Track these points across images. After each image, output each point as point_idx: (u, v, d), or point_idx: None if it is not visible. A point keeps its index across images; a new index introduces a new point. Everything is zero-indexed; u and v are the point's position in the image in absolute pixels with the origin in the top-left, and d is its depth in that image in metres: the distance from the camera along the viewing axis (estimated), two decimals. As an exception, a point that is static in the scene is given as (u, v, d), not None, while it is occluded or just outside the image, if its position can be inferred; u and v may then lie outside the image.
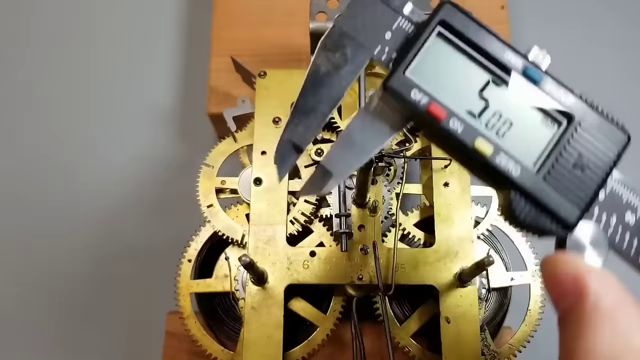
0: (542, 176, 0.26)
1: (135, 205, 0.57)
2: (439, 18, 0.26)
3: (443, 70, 0.26)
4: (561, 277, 0.25)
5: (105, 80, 0.62)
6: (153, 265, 0.55)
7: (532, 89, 0.26)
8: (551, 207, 0.25)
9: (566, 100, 0.26)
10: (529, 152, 0.26)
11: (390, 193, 0.43)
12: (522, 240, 0.43)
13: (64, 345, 0.54)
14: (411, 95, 0.26)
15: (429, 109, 0.26)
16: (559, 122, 0.26)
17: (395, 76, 0.26)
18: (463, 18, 0.26)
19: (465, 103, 0.26)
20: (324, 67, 0.27)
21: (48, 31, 0.64)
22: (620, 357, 0.23)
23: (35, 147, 0.59)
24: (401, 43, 0.27)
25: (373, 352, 0.43)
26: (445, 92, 0.26)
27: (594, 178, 0.26)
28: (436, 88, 0.26)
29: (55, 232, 0.57)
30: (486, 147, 0.26)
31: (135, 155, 0.59)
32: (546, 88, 0.26)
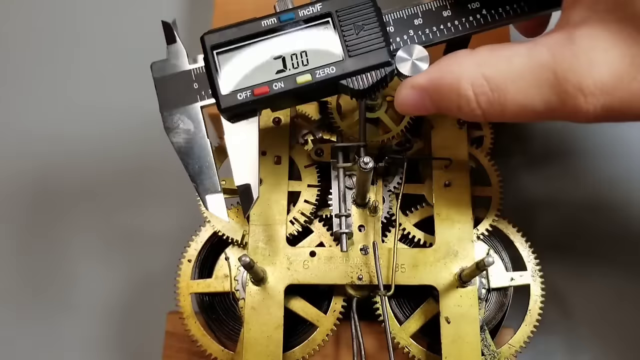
0: (348, 55, 0.34)
1: (134, 205, 0.57)
2: (209, 46, 0.34)
3: (240, 67, 0.34)
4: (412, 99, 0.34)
5: (105, 80, 0.62)
6: (153, 265, 0.55)
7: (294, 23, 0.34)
8: (371, 64, 0.34)
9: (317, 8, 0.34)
10: (330, 54, 0.34)
11: (391, 193, 0.43)
12: (522, 240, 0.43)
13: (63, 345, 0.54)
14: (239, 99, 0.34)
15: (255, 93, 0.34)
16: (327, 22, 0.34)
17: (221, 99, 0.34)
18: (219, 33, 0.34)
19: (270, 69, 0.34)
20: (180, 139, 0.35)
21: (47, 31, 0.64)
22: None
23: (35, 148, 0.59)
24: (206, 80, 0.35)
25: (373, 352, 0.43)
26: (254, 76, 0.34)
27: (373, 26, 0.34)
28: (247, 80, 0.34)
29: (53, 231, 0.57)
30: (304, 78, 0.34)
31: (135, 156, 0.59)
32: (300, 14, 0.34)
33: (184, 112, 0.35)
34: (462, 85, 0.32)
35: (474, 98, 0.32)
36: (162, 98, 0.35)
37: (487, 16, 0.35)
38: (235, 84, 0.34)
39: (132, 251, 0.55)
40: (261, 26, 0.34)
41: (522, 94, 0.30)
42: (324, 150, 0.44)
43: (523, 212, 0.52)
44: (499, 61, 0.31)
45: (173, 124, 0.35)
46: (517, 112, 0.31)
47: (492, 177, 0.44)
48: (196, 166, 0.34)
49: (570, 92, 0.29)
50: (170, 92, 0.35)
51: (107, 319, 0.54)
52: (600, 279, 0.51)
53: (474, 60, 0.32)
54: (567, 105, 0.30)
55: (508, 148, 0.53)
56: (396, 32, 0.35)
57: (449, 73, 0.32)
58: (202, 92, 0.35)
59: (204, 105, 0.35)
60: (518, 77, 0.31)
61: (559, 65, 0.29)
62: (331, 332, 0.41)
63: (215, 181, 0.34)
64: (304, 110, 0.46)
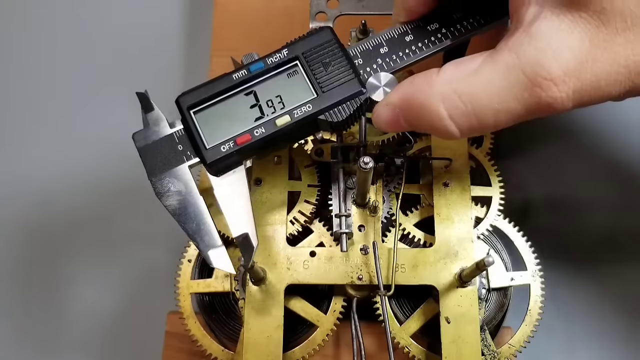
0: (321, 92, 0.35)
1: (134, 205, 0.57)
2: (185, 107, 0.36)
3: (220, 122, 0.35)
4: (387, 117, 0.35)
5: (105, 80, 0.62)
6: (153, 265, 0.55)
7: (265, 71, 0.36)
8: (344, 95, 0.35)
9: (284, 54, 0.36)
10: (304, 93, 0.35)
11: (391, 193, 0.43)
12: (522, 240, 0.43)
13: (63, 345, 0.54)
14: (223, 151, 0.35)
15: (238, 143, 0.35)
16: (295, 65, 0.36)
17: (205, 155, 0.35)
18: (191, 94, 0.36)
19: (248, 118, 0.35)
20: (173, 201, 0.35)
21: (47, 30, 0.64)
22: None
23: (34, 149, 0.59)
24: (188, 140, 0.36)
25: (373, 352, 0.43)
26: (235, 127, 0.35)
27: (340, 60, 0.36)
28: (229, 131, 0.35)
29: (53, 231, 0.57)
30: (283, 120, 0.35)
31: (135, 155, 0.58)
32: (269, 62, 0.36)
33: (173, 175, 0.35)
34: (433, 102, 0.32)
35: (446, 115, 0.32)
36: (148, 165, 0.36)
37: (447, 34, 0.37)
38: (217, 137, 0.35)
39: (132, 251, 0.56)
40: (233, 80, 0.36)
41: (496, 100, 0.31)
42: (324, 150, 0.44)
43: (523, 212, 0.52)
44: (466, 73, 0.32)
45: (163, 189, 0.35)
46: (494, 119, 0.32)
47: (492, 177, 0.44)
48: (193, 225, 0.35)
49: (542, 84, 0.30)
50: (155, 158, 0.36)
51: (107, 319, 0.54)
52: (600, 279, 0.51)
53: (442, 77, 0.33)
54: (542, 98, 0.30)
55: (508, 148, 0.53)
56: (365, 64, 0.36)
57: (419, 92, 0.33)
58: (188, 152, 0.36)
59: (191, 164, 0.36)
60: (488, 84, 0.31)
61: (525, 62, 0.30)
62: (331, 332, 0.41)
63: (214, 236, 0.35)
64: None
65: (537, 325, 0.41)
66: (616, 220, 0.53)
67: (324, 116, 0.35)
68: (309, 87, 0.35)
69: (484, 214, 0.43)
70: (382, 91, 0.35)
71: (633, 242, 0.52)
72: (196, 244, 0.35)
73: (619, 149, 0.54)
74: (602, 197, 0.53)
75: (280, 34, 0.55)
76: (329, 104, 0.35)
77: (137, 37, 0.63)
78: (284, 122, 0.35)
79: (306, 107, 0.35)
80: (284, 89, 0.36)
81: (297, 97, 0.35)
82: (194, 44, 0.62)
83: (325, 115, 0.35)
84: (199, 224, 0.35)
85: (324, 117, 0.35)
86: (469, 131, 0.32)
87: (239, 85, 0.36)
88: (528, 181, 0.54)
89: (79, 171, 0.59)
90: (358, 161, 0.35)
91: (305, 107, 0.35)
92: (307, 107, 0.35)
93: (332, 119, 0.35)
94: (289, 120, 0.35)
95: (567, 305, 0.51)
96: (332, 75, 0.35)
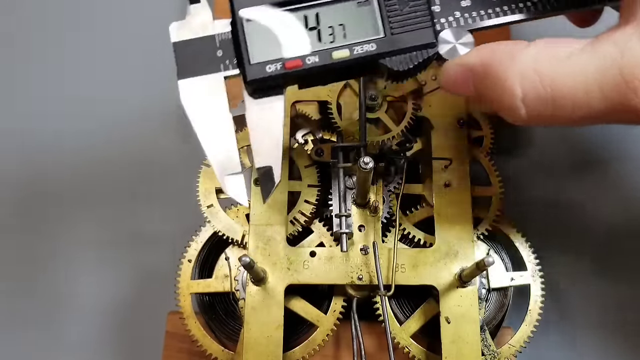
0: (390, 33, 0.31)
1: (134, 205, 0.57)
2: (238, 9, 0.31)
3: (270, 38, 0.31)
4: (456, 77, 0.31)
5: (104, 80, 0.61)
6: (153, 265, 0.55)
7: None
8: (414, 43, 0.31)
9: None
10: (370, 30, 0.31)
11: (391, 193, 0.43)
12: (522, 240, 0.43)
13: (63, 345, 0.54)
14: (268, 71, 0.31)
15: (287, 67, 0.31)
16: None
17: (248, 70, 0.31)
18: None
19: (303, 41, 0.31)
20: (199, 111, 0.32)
21: (47, 30, 0.64)
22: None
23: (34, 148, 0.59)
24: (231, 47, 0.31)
25: (373, 352, 0.43)
26: (286, 47, 0.31)
27: (420, 2, 0.32)
28: (278, 52, 0.31)
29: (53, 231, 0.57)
30: (341, 53, 0.31)
31: (135, 155, 0.59)
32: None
33: (205, 82, 0.31)
34: (510, 77, 0.29)
35: (520, 94, 0.29)
36: (180, 64, 0.32)
37: (541, 3, 0.32)
38: (265, 54, 0.31)
39: (132, 251, 0.55)
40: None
41: (580, 92, 0.28)
42: (324, 150, 0.44)
43: (523, 212, 0.52)
44: (558, 56, 0.29)
45: (192, 94, 0.31)
46: (570, 111, 0.29)
47: (492, 177, 0.44)
48: (215, 144, 0.31)
49: (638, 89, 0.27)
50: (190, 59, 0.32)
51: (107, 319, 0.54)
52: (600, 279, 0.51)
53: (529, 53, 0.29)
54: (630, 103, 0.28)
55: (508, 148, 0.53)
56: (441, 12, 0.32)
57: (499, 62, 0.30)
58: (227, 61, 0.31)
59: (228, 75, 0.32)
60: (579, 74, 0.28)
61: (627, 61, 0.28)
62: (331, 332, 0.41)
63: (235, 161, 0.31)
64: (304, 110, 0.47)
65: (537, 325, 0.41)
66: (617, 219, 0.53)
67: (385, 61, 0.31)
68: (379, 23, 0.31)
69: (484, 214, 0.43)
70: (455, 48, 0.32)
71: (634, 241, 0.52)
72: (214, 167, 0.31)
73: (619, 148, 0.54)
74: (603, 197, 0.53)
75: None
76: (395, 48, 0.31)
77: (136, 36, 0.63)
78: (341, 55, 0.31)
79: (369, 45, 0.31)
80: (349, 19, 0.32)
81: (362, 32, 0.31)
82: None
83: (386, 60, 0.31)
84: (220, 144, 0.31)
85: (385, 61, 0.31)
86: (537, 119, 0.30)
87: (301, 1, 0.31)
88: (528, 181, 0.54)
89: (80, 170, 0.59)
90: (358, 161, 0.35)
91: (368, 46, 0.31)
92: (371, 45, 0.31)
93: (393, 66, 0.31)
94: (347, 55, 0.31)
95: (567, 305, 0.51)
96: (406, 16, 0.31)
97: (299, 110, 0.46)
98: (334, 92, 0.44)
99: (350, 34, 0.31)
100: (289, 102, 0.44)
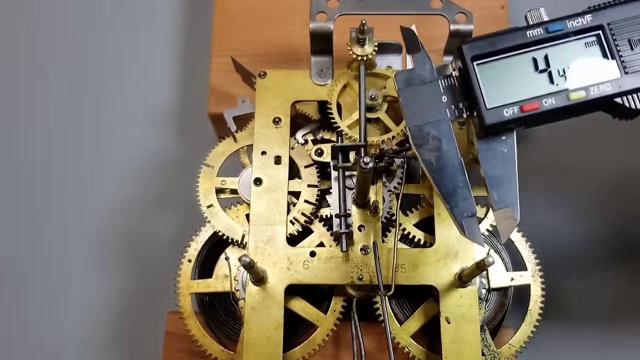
0: (624, 72, 0.31)
1: (134, 206, 0.57)
2: (469, 57, 0.32)
3: (503, 82, 0.32)
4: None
5: (105, 80, 0.61)
6: (153, 265, 0.55)
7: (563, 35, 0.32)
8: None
9: (587, 20, 0.32)
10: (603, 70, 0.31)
11: (391, 193, 0.43)
12: (522, 240, 0.43)
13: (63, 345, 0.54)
14: (506, 115, 0.31)
15: (524, 110, 0.31)
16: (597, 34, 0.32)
17: (486, 115, 0.31)
18: (477, 44, 0.32)
19: (535, 84, 0.31)
20: (431, 156, 0.32)
21: (48, 31, 0.64)
22: None
23: (34, 147, 0.59)
24: (459, 93, 0.32)
25: (373, 352, 0.43)
26: (520, 90, 0.31)
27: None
28: (512, 95, 0.31)
29: (53, 231, 0.57)
30: (578, 95, 0.31)
31: (135, 155, 0.59)
32: (569, 25, 0.32)
33: (433, 127, 0.32)
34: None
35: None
36: (408, 111, 0.32)
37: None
38: (499, 98, 0.32)
39: (132, 251, 0.55)
40: (526, 37, 0.32)
41: None
42: (324, 150, 0.44)
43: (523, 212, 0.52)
44: None
45: (422, 140, 0.32)
46: None
47: (492, 177, 0.44)
48: (450, 186, 0.32)
49: None
50: (417, 106, 0.32)
51: (107, 319, 0.54)
52: (600, 279, 0.51)
53: None
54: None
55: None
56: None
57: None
58: (452, 106, 0.32)
59: (455, 120, 0.32)
60: None
61: None
62: (331, 332, 0.41)
63: (471, 203, 0.32)
64: (304, 110, 0.47)
65: (537, 325, 0.41)
66: (617, 219, 0.53)
67: (620, 100, 0.31)
68: (610, 63, 0.32)
69: (484, 214, 0.43)
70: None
71: (633, 241, 0.52)
72: (449, 207, 0.32)
73: (620, 149, 0.54)
74: (603, 197, 0.53)
75: (280, 34, 0.55)
76: (631, 87, 0.31)
77: (137, 37, 0.63)
78: (578, 97, 0.31)
79: (605, 85, 0.31)
80: (579, 59, 0.32)
81: (594, 72, 0.31)
82: (194, 44, 0.62)
83: (622, 99, 0.31)
84: (455, 186, 0.32)
85: (620, 100, 0.31)
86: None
87: (531, 44, 0.32)
88: (528, 181, 0.54)
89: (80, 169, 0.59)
90: (358, 161, 0.35)
91: (604, 86, 0.31)
92: (606, 86, 0.31)
93: (630, 105, 0.31)
94: (584, 97, 0.31)
95: (567, 305, 0.51)
96: (638, 55, 0.31)
97: (299, 110, 0.46)
98: (334, 92, 0.44)
99: (582, 75, 0.32)
100: (289, 102, 0.44)
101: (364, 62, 0.43)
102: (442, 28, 0.44)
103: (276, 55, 0.54)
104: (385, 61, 0.45)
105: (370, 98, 0.43)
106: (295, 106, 0.46)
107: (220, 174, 0.44)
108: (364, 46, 0.42)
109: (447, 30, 0.43)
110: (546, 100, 0.31)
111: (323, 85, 0.45)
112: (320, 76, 0.45)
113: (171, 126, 0.60)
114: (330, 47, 0.44)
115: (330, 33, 0.43)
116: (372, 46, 0.43)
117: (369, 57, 0.43)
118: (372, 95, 0.43)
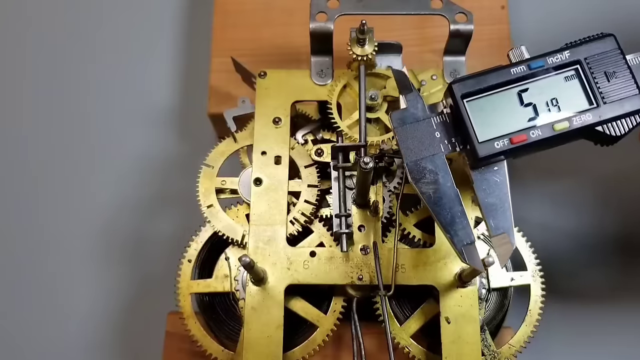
0: (602, 102, 0.34)
1: (135, 206, 0.57)
2: (459, 95, 0.34)
3: (492, 116, 0.34)
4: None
5: (105, 80, 0.62)
6: (153, 265, 0.55)
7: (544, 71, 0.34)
8: (627, 110, 0.34)
9: (565, 56, 0.35)
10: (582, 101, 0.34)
11: (391, 193, 0.43)
12: (522, 240, 0.43)
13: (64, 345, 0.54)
14: (496, 147, 0.34)
15: (513, 142, 0.34)
16: (575, 69, 0.34)
17: (478, 148, 0.34)
18: (465, 83, 0.34)
19: (521, 117, 0.34)
20: (429, 189, 0.34)
21: (48, 32, 0.64)
22: None
23: (35, 147, 0.59)
24: (451, 128, 0.35)
25: (373, 352, 0.43)
26: (508, 124, 0.34)
27: (624, 73, 0.34)
28: (501, 128, 0.34)
29: (53, 232, 0.57)
30: (562, 125, 0.34)
31: (135, 155, 0.59)
32: (549, 62, 0.35)
33: (429, 162, 0.34)
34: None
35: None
36: (405, 148, 0.35)
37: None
38: (490, 132, 0.34)
39: (132, 252, 0.56)
40: (510, 74, 0.35)
41: None
42: (324, 150, 0.44)
43: (523, 212, 0.52)
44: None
45: (419, 174, 0.34)
46: None
47: (492, 177, 0.44)
48: (448, 216, 0.34)
49: None
50: (412, 142, 0.35)
51: (107, 320, 0.54)
52: (600, 279, 0.51)
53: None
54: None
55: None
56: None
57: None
58: (445, 141, 0.35)
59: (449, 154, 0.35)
60: None
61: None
62: (331, 332, 0.41)
63: (469, 231, 0.34)
64: (304, 110, 0.47)
65: (537, 325, 0.41)
66: (618, 219, 0.53)
67: (601, 128, 0.34)
68: (589, 94, 0.34)
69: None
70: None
71: (633, 241, 0.52)
72: (449, 237, 0.34)
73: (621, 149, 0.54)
74: (603, 197, 0.53)
75: (280, 34, 0.55)
76: (611, 116, 0.34)
77: (137, 37, 0.63)
78: (562, 127, 0.34)
79: (586, 115, 0.34)
80: (560, 92, 0.34)
81: (575, 103, 0.34)
82: (194, 44, 0.62)
83: (603, 127, 0.34)
84: (453, 216, 0.34)
85: (601, 128, 0.34)
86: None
87: (515, 80, 0.35)
88: (528, 181, 0.54)
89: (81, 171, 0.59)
90: (358, 161, 0.35)
91: (585, 116, 0.34)
92: (587, 116, 0.34)
93: (610, 132, 0.34)
94: (567, 127, 0.34)
95: (567, 305, 0.51)
96: (614, 86, 0.34)
97: (299, 110, 0.46)
98: (334, 92, 0.44)
99: (564, 106, 0.34)
100: (289, 102, 0.44)
101: (364, 62, 0.43)
102: (442, 28, 0.44)
103: (276, 55, 0.54)
104: (385, 61, 0.45)
105: (370, 98, 0.43)
106: (295, 106, 0.46)
107: (220, 174, 0.44)
108: (364, 46, 0.42)
109: (447, 30, 0.43)
110: (533, 132, 0.34)
111: (323, 85, 0.45)
112: (320, 76, 0.45)
113: (171, 126, 0.60)
114: (330, 47, 0.44)
115: (330, 33, 0.43)
116: (372, 46, 0.43)
117: (369, 57, 0.43)
118: (372, 95, 0.43)
